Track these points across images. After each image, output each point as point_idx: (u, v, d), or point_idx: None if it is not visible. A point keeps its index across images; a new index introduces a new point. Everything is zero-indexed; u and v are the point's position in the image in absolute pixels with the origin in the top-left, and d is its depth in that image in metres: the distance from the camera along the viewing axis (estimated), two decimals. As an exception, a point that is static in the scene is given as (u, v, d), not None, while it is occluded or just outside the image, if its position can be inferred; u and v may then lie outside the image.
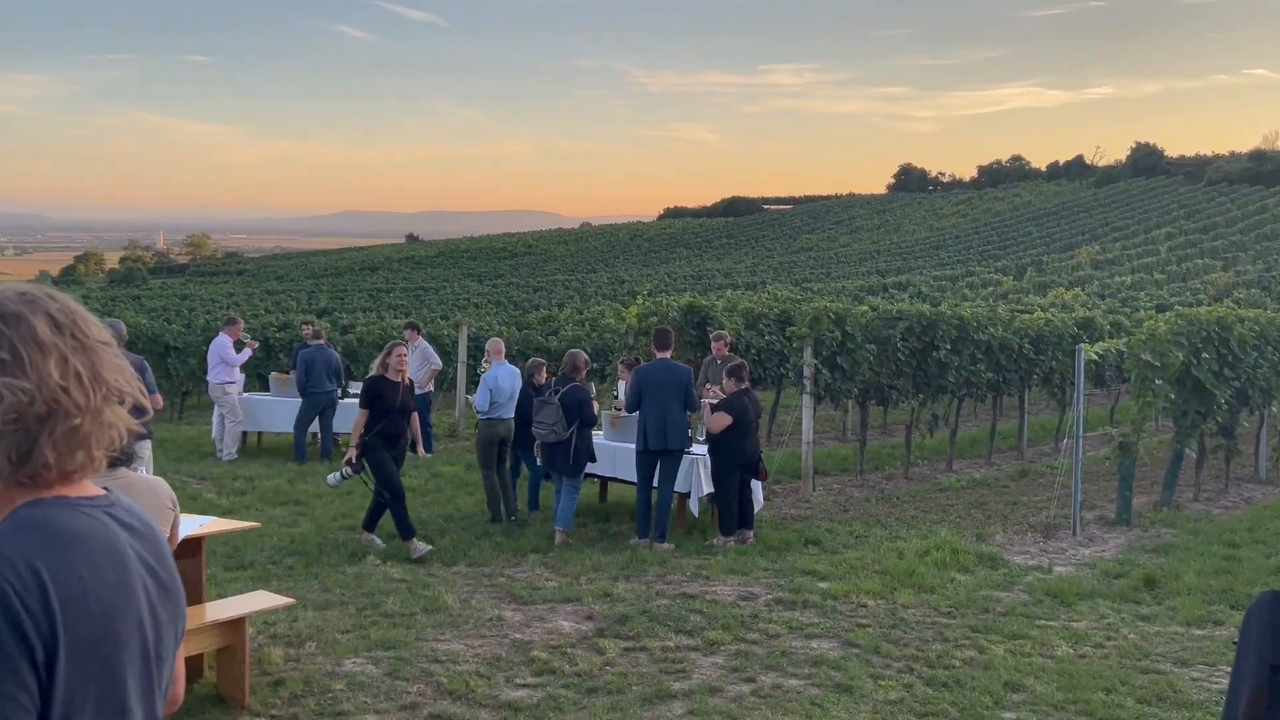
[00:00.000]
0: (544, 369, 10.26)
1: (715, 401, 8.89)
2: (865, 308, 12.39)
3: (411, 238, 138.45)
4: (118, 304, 36.37)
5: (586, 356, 9.26)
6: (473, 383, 18.14)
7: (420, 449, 9.12)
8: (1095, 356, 11.13)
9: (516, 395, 9.43)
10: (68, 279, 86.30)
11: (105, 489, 1.42)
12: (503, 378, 9.39)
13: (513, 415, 9.32)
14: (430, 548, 7.89)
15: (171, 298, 45.99)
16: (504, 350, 9.90)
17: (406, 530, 7.93)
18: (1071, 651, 5.97)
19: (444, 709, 4.80)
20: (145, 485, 4.05)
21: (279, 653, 5.46)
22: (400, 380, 8.11)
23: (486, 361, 10.01)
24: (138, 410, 1.39)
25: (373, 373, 8.21)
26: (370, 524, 8.19)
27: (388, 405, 7.94)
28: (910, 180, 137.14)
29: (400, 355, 8.17)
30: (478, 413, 9.47)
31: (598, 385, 18.66)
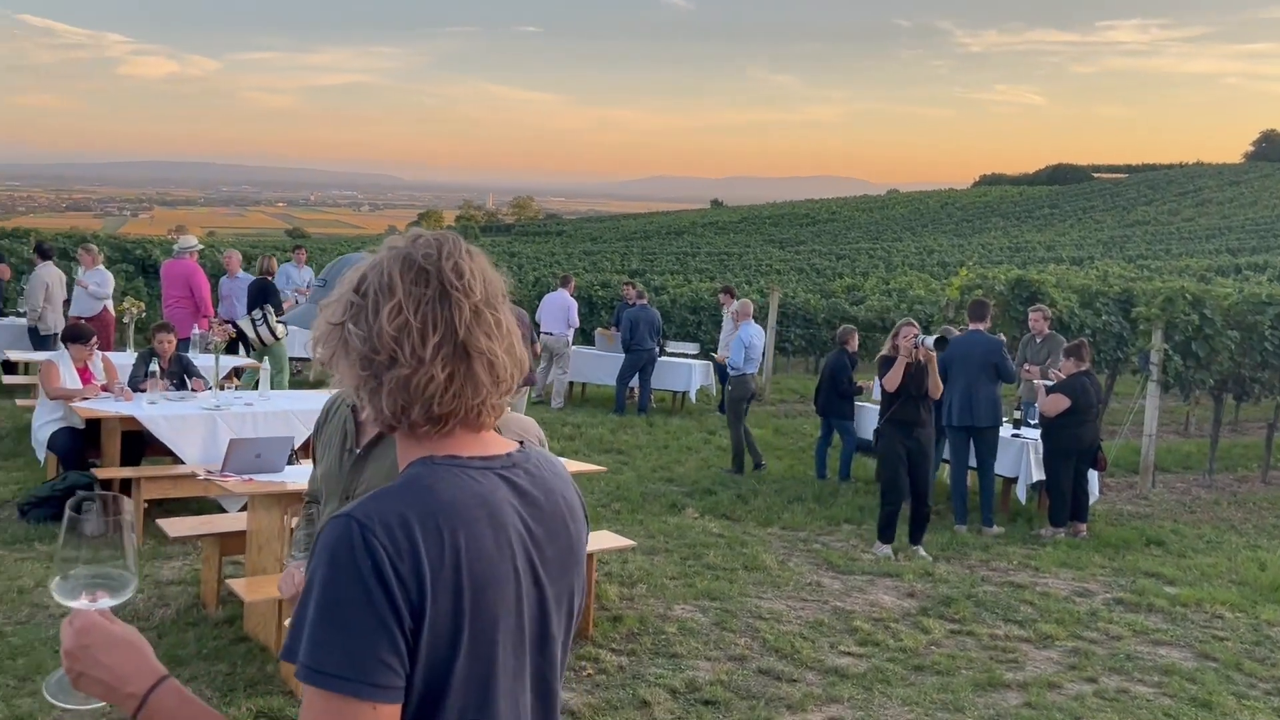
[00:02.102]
0: (855, 335, 10.21)
1: (1050, 383, 8.37)
2: (1228, 290, 11.13)
3: (716, 203, 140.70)
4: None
5: (957, 333, 9.04)
6: (778, 349, 18.27)
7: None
8: None
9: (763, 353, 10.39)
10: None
11: (520, 443, 1.39)
12: (755, 336, 10.09)
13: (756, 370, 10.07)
14: (889, 554, 7.06)
15: (501, 255, 49.67)
16: (752, 311, 10.62)
17: (883, 532, 7.17)
18: None
19: (771, 665, 4.90)
20: (518, 423, 4.40)
21: (615, 591, 5.81)
22: (912, 359, 6.96)
23: (733, 314, 10.79)
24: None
25: (883, 352, 7.26)
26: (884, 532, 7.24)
27: (901, 387, 6.99)
28: (1273, 149, 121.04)
29: (909, 335, 7.02)
30: (731, 369, 10.09)
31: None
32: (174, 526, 5.33)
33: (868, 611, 5.86)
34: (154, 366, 6.94)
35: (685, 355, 14.03)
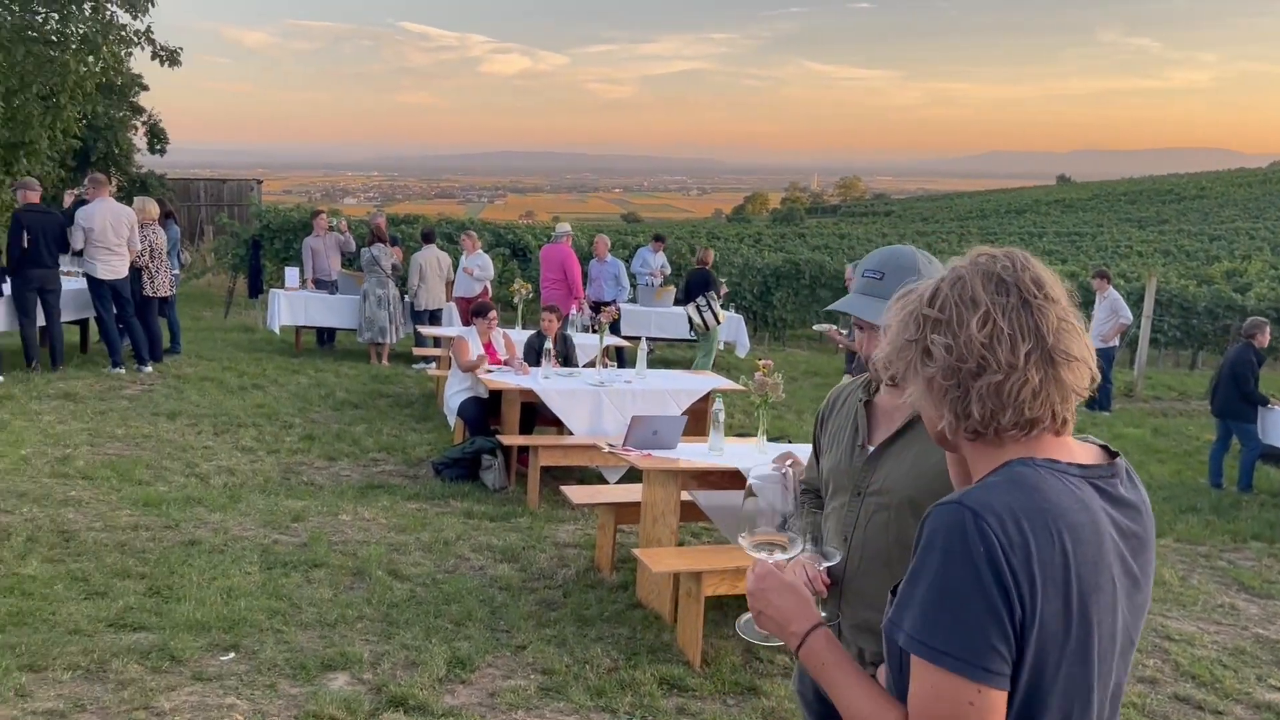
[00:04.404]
0: (1266, 329, 9.07)
1: None
2: None
3: (1062, 179, 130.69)
4: (786, 239, 40.00)
5: None
6: (1150, 341, 16.64)
7: None
8: None
9: None
10: (738, 218, 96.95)
11: (1113, 454, 1.39)
12: None
13: None
14: None
15: (829, 235, 49.19)
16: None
17: None
18: None
19: (1189, 693, 4.47)
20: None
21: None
22: None
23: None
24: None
25: None
26: None
27: None
28: None
29: None
30: None
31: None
32: (575, 494, 5.75)
33: (1299, 644, 5.18)
34: (547, 344, 7.53)
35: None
